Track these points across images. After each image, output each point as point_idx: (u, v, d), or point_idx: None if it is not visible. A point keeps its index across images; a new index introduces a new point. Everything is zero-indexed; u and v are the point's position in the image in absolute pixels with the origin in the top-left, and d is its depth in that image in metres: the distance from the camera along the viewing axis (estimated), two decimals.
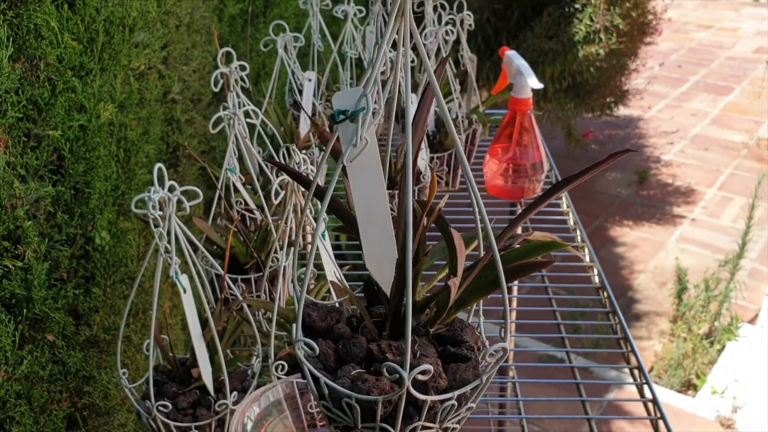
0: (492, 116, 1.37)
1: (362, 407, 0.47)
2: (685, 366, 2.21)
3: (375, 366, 0.48)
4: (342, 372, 0.48)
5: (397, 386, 0.45)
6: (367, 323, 0.51)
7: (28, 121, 0.79)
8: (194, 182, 1.20)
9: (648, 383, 0.84)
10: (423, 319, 0.51)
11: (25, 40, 0.76)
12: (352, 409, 0.47)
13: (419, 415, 0.47)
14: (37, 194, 0.80)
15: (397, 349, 0.48)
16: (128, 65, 0.95)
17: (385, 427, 0.47)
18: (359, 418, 0.47)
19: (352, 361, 0.49)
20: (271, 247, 0.84)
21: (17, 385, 0.78)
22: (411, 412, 0.48)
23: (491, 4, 2.42)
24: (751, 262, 2.72)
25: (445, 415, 0.48)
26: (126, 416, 0.99)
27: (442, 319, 0.51)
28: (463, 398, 0.49)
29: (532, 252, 0.51)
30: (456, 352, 0.50)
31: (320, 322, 0.51)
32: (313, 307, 0.52)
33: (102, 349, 0.94)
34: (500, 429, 1.61)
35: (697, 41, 4.94)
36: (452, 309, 0.51)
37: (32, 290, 0.79)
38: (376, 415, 0.47)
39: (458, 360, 0.50)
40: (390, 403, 0.47)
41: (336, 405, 0.48)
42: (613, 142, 3.66)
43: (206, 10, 1.17)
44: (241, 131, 0.84)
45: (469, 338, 0.52)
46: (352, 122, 0.44)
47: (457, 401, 0.48)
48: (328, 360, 0.49)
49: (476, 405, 0.51)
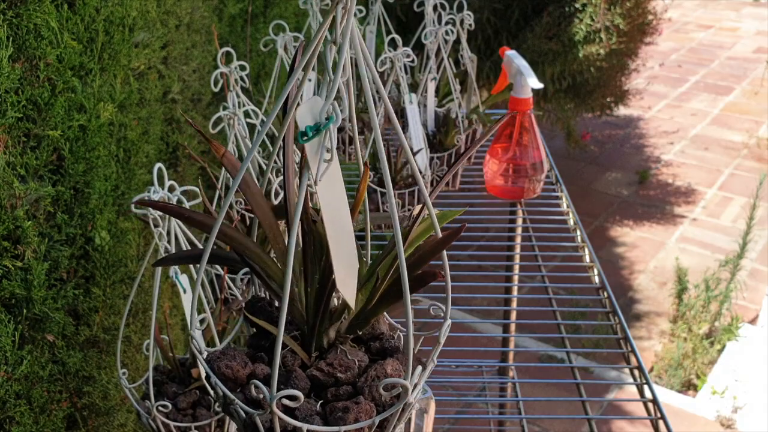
0: (492, 116, 1.36)
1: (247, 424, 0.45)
2: (685, 366, 2.21)
3: (330, 391, 0.46)
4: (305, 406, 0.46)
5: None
6: (297, 351, 0.48)
7: (28, 121, 0.79)
8: (194, 182, 1.20)
9: (648, 383, 0.84)
10: (342, 327, 0.50)
11: (24, 40, 0.76)
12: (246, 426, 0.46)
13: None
14: (36, 194, 0.80)
15: (341, 364, 0.47)
16: (128, 65, 0.95)
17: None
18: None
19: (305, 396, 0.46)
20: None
21: (17, 385, 0.78)
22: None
23: (491, 4, 2.42)
24: (751, 262, 2.72)
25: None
26: (126, 416, 0.99)
27: (362, 323, 0.50)
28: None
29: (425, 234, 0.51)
30: (379, 346, 0.50)
31: (242, 369, 0.48)
32: (229, 356, 0.48)
33: (102, 349, 0.94)
34: (500, 429, 1.61)
35: (697, 41, 4.94)
36: (362, 320, 0.50)
37: (32, 290, 0.79)
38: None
39: (387, 351, 0.50)
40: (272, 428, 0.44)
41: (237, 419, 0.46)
42: (613, 142, 3.66)
43: (206, 9, 1.17)
44: (240, 131, 0.84)
45: (384, 328, 0.52)
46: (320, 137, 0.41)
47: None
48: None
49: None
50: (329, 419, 0.46)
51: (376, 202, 1.04)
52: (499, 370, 1.61)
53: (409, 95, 1.04)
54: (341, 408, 0.45)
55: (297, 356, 0.49)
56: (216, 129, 0.82)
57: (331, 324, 0.50)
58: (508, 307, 1.45)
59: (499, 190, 1.13)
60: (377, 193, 1.03)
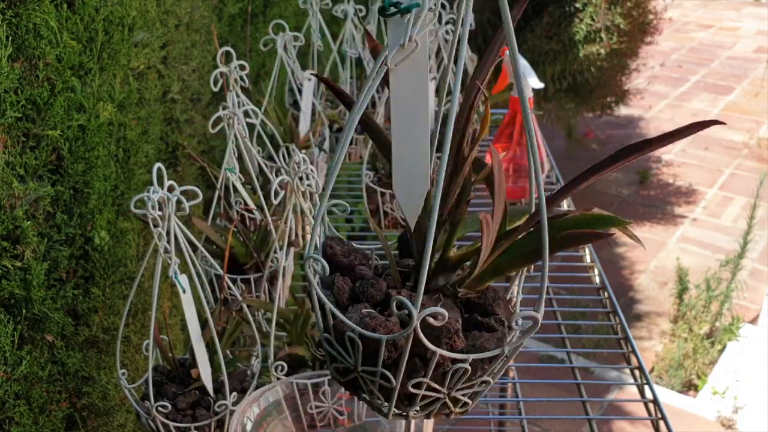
0: (492, 116, 1.36)
1: (366, 347, 0.42)
2: (685, 366, 2.20)
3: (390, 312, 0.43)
4: (353, 309, 0.44)
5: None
6: (392, 270, 0.47)
7: (27, 120, 0.79)
8: (194, 182, 1.19)
9: (649, 383, 0.84)
10: (453, 279, 0.47)
11: (24, 40, 0.76)
12: (355, 346, 0.43)
13: (425, 370, 0.42)
14: (36, 194, 0.80)
15: (397, 305, 0.42)
16: (127, 65, 0.95)
17: (385, 374, 0.42)
18: (360, 358, 0.43)
19: (367, 302, 0.44)
20: (270, 248, 0.84)
21: (16, 386, 0.78)
22: (417, 365, 0.43)
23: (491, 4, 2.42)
24: (752, 262, 2.72)
25: (455, 380, 0.43)
26: (125, 417, 0.99)
27: (473, 283, 0.46)
28: (479, 368, 0.44)
29: (585, 224, 0.45)
30: (482, 321, 0.45)
31: (343, 257, 0.47)
32: (338, 242, 0.48)
33: (101, 349, 0.94)
34: (501, 429, 1.61)
35: (698, 41, 4.93)
36: (486, 273, 0.45)
37: (31, 290, 0.78)
38: (379, 358, 0.42)
39: (483, 330, 0.45)
40: (396, 349, 0.42)
41: (339, 340, 0.44)
42: (614, 142, 3.66)
43: (206, 9, 1.17)
44: (240, 131, 0.84)
45: (501, 312, 0.47)
46: (403, 18, 0.38)
47: (472, 368, 0.43)
48: (342, 296, 0.45)
49: (493, 381, 0.46)
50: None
51: (376, 202, 1.03)
52: None
53: None
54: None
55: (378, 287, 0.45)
56: (216, 128, 0.82)
57: (443, 272, 0.46)
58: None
59: None
60: (377, 192, 1.02)
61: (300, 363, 0.72)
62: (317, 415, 0.64)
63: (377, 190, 1.02)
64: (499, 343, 0.44)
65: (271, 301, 0.84)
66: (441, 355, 0.42)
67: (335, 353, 0.45)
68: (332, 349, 0.45)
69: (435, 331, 0.42)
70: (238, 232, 0.84)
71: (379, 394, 0.44)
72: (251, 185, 0.90)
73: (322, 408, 0.64)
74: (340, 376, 0.46)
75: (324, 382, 0.64)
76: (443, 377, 0.43)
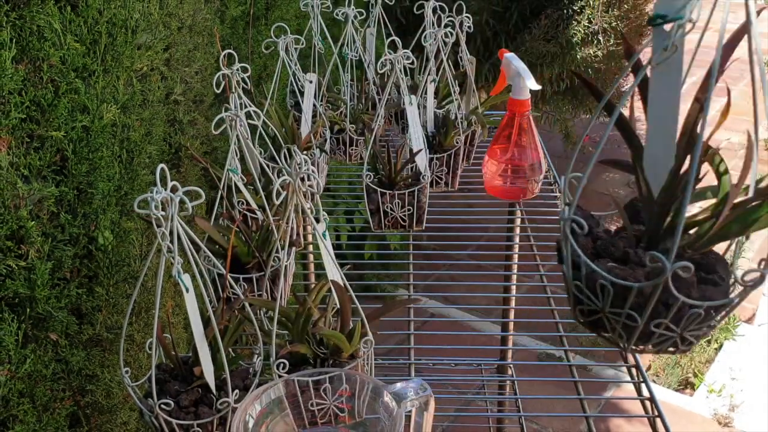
0: (491, 117, 1.37)
1: (616, 293, 0.52)
2: (682, 365, 2.22)
3: (630, 266, 0.53)
4: (598, 263, 0.54)
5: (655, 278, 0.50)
6: (628, 233, 0.56)
7: (32, 122, 0.80)
8: (196, 183, 1.20)
9: (646, 381, 0.85)
10: (682, 241, 0.56)
11: (28, 42, 0.77)
12: (605, 292, 0.52)
13: (667, 313, 0.52)
14: (40, 194, 0.81)
15: (651, 259, 0.51)
16: (131, 67, 0.96)
17: (632, 315, 0.52)
18: (609, 302, 0.52)
19: (608, 257, 0.55)
20: (272, 247, 0.85)
21: (20, 384, 0.79)
22: (659, 309, 0.52)
23: (490, 7, 2.43)
24: (748, 262, 2.73)
25: (689, 322, 0.53)
26: (128, 414, 1.00)
27: (702, 245, 0.56)
28: (709, 314, 0.53)
29: None
30: (708, 278, 0.55)
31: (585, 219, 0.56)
32: (578, 209, 0.56)
33: (105, 347, 0.95)
34: (499, 427, 1.62)
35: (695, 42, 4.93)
36: (715, 237, 0.55)
37: (35, 289, 0.79)
38: (627, 302, 0.52)
39: (709, 285, 0.54)
40: (642, 295, 0.51)
41: (589, 286, 0.54)
42: (611, 143, 3.67)
43: (208, 12, 1.18)
44: (242, 132, 0.85)
45: (722, 271, 0.56)
46: (666, 27, 0.48)
47: (704, 313, 0.52)
48: (585, 252, 0.54)
49: (716, 325, 0.54)
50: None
51: (376, 202, 1.04)
52: (498, 368, 1.62)
53: (409, 97, 1.05)
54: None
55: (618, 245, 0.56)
56: (218, 130, 0.83)
57: (671, 235, 0.55)
58: (507, 306, 1.45)
59: (498, 191, 1.14)
60: (377, 193, 1.03)
61: (301, 360, 0.73)
62: (318, 412, 0.65)
63: (377, 190, 1.03)
64: (724, 295, 0.55)
65: (272, 300, 0.85)
66: (683, 301, 0.52)
67: (584, 297, 0.56)
68: (581, 294, 0.56)
69: (678, 282, 0.52)
70: (240, 232, 0.85)
71: (622, 331, 0.56)
72: (253, 186, 0.91)
73: (323, 405, 0.65)
74: (584, 317, 0.58)
75: (325, 379, 0.64)
76: (679, 320, 0.53)
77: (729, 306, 0.54)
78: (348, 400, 0.65)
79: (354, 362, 0.71)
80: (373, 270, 1.85)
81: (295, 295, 0.80)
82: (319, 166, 1.10)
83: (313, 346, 0.72)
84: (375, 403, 0.62)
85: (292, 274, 0.91)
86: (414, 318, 0.98)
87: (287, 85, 1.23)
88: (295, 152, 0.72)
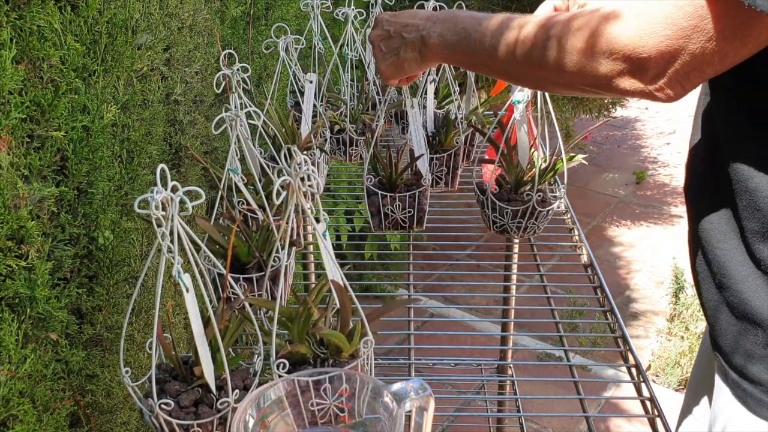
0: (490, 117, 1.37)
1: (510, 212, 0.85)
2: (682, 364, 2.22)
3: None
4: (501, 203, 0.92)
5: None
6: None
7: (32, 122, 0.80)
8: (197, 183, 1.20)
9: (645, 381, 0.85)
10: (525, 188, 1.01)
11: (28, 42, 0.77)
12: (506, 214, 0.80)
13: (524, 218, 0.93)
14: (40, 194, 0.81)
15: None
16: (131, 67, 0.96)
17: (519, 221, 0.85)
18: (510, 218, 0.81)
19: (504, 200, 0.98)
20: (272, 247, 0.85)
21: (20, 384, 0.79)
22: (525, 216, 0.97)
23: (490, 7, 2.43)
24: None
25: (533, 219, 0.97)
26: (129, 414, 1.00)
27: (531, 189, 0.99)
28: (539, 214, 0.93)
29: None
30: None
31: None
32: None
33: (105, 347, 0.95)
34: (499, 427, 1.62)
35: None
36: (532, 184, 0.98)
37: (36, 289, 0.79)
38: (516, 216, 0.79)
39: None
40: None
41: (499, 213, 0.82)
42: (611, 143, 3.67)
43: (208, 12, 1.18)
44: (243, 132, 0.85)
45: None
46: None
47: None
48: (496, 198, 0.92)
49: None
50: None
51: (376, 204, 1.04)
52: (498, 368, 1.62)
53: (410, 99, 1.05)
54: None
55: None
56: (218, 130, 0.83)
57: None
58: (507, 306, 1.45)
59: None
60: (378, 195, 1.03)
61: (301, 360, 0.73)
62: (318, 412, 0.65)
63: (378, 192, 1.03)
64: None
65: (273, 300, 0.85)
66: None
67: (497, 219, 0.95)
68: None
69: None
70: (240, 232, 0.85)
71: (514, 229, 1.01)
72: (253, 185, 0.91)
73: (323, 405, 0.65)
74: (497, 228, 1.04)
75: (325, 379, 0.64)
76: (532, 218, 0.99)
77: (533, 209, 0.99)
78: (348, 400, 0.65)
79: (354, 362, 0.71)
80: (373, 270, 1.85)
81: (295, 295, 0.80)
82: (319, 166, 1.10)
83: (313, 346, 0.72)
84: (375, 403, 0.62)
85: (292, 274, 0.91)
86: (414, 318, 0.98)
87: (287, 85, 1.23)
88: (295, 152, 0.72)
